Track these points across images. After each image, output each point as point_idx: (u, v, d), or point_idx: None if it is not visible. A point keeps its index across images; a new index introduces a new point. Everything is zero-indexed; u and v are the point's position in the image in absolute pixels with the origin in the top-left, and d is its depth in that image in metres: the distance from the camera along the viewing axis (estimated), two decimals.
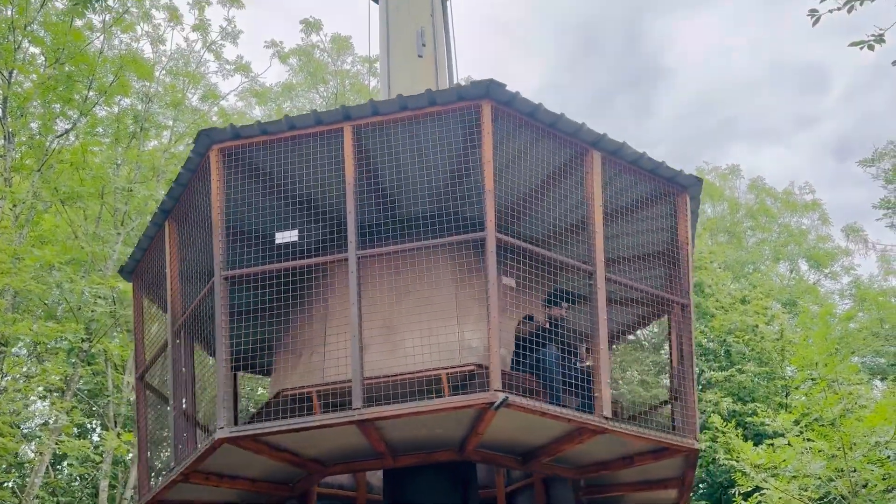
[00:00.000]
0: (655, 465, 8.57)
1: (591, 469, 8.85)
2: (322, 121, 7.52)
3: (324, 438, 7.51)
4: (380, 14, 12.08)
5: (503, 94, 7.31)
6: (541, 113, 7.54)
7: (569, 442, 7.77)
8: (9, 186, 18.28)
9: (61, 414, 17.34)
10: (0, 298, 16.07)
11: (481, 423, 7.18)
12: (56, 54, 19.65)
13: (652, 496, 9.77)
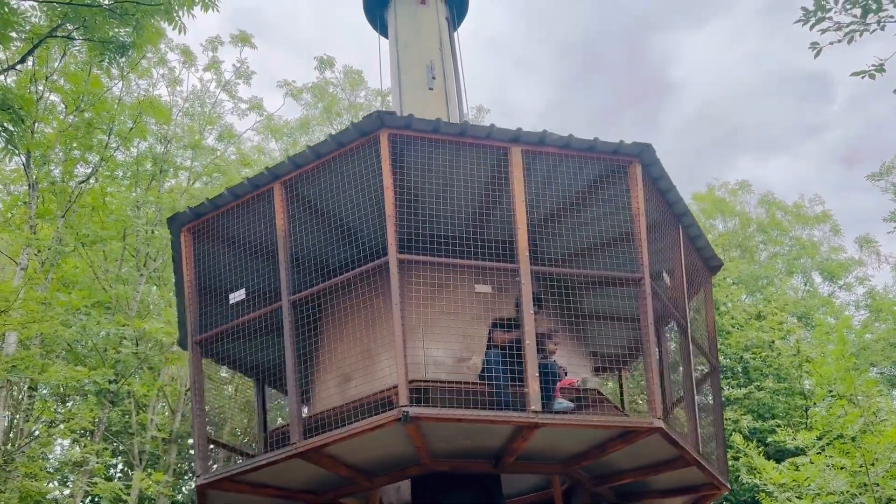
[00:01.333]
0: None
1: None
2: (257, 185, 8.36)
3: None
4: (390, 48, 12.52)
5: (398, 121, 7.77)
6: (444, 126, 7.87)
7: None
8: (34, 233, 18.73)
9: (91, 456, 17.63)
10: (32, 347, 16.46)
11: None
12: (76, 102, 20.18)
13: None
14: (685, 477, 9.11)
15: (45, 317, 14.63)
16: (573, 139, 8.05)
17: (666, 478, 9.17)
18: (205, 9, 11.37)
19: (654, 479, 9.27)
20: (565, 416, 7.46)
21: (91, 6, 10.54)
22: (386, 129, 7.69)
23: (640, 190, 8.04)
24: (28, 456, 17.20)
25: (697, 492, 9.49)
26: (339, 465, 7.95)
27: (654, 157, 8.25)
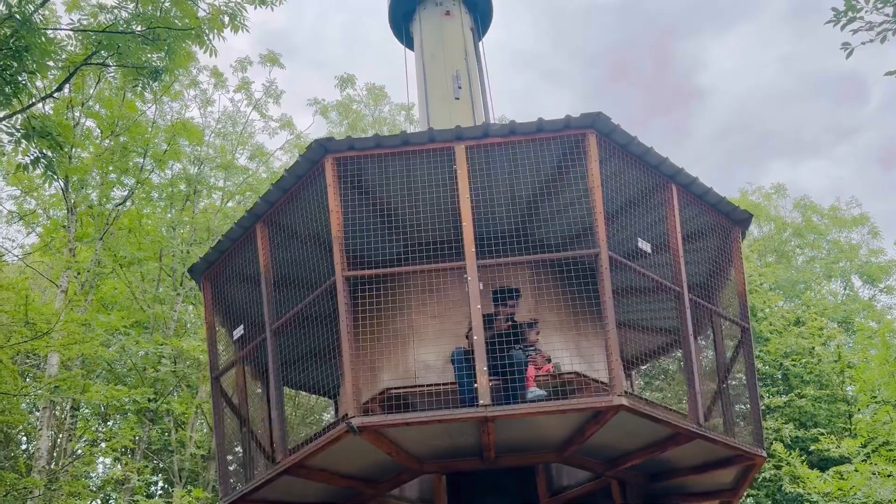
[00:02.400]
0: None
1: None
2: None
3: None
4: (416, 60, 12.66)
5: (339, 145, 8.03)
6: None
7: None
8: (73, 256, 19.13)
9: (132, 474, 17.88)
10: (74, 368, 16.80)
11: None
12: (111, 127, 20.64)
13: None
14: (712, 453, 8.91)
15: (86, 338, 14.92)
16: (517, 125, 8.05)
17: (687, 457, 8.96)
18: (234, 30, 11.57)
19: (676, 460, 9.06)
20: (520, 406, 7.31)
21: (124, 33, 10.79)
22: (330, 155, 7.99)
23: (594, 161, 7.87)
24: (72, 475, 17.50)
25: (733, 464, 9.12)
26: (333, 477, 8.15)
27: (611, 125, 8.01)
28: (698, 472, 8.90)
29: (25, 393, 15.27)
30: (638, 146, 8.30)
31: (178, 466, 21.76)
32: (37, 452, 17.35)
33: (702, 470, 8.86)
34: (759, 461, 8.78)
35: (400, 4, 13.02)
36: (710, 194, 9.00)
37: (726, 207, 9.23)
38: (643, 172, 8.46)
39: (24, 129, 10.50)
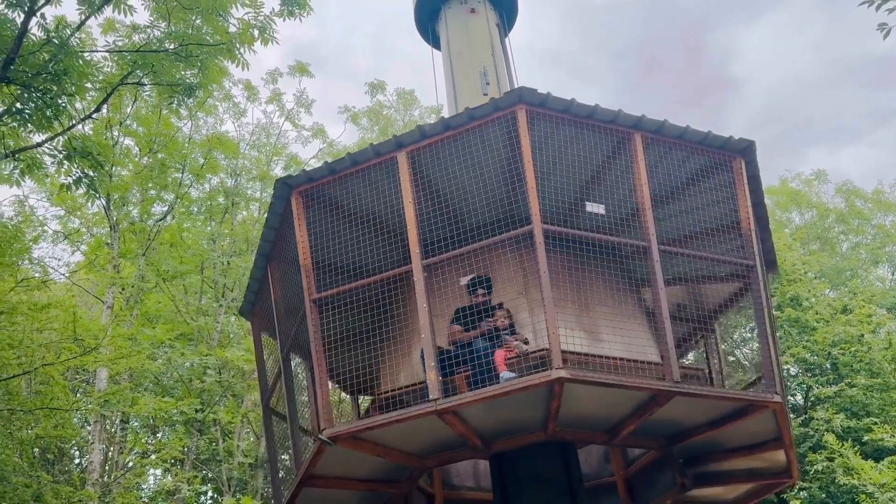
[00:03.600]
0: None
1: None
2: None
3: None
4: (443, 59, 12.72)
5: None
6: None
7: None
8: (118, 273, 19.54)
9: (183, 484, 18.18)
10: (122, 382, 17.15)
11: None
12: (149, 144, 21.05)
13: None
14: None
15: (133, 352, 15.23)
16: (449, 119, 8.15)
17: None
18: (264, 43, 11.74)
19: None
20: (463, 396, 7.41)
21: (158, 52, 11.01)
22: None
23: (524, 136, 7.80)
24: (124, 487, 17.87)
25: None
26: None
27: (540, 96, 7.90)
28: (715, 427, 8.52)
29: (77, 408, 15.63)
30: (580, 108, 8.02)
31: (226, 475, 22.08)
32: (90, 466, 17.75)
33: (718, 425, 8.48)
34: (775, 406, 8.09)
35: (425, 4, 13.08)
36: (689, 133, 8.42)
37: (716, 141, 8.53)
38: (599, 133, 8.20)
39: (65, 150, 10.77)
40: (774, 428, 8.38)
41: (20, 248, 11.93)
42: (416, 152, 8.21)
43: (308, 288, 8.30)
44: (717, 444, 8.93)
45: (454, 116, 8.17)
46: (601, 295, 8.42)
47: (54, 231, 23.14)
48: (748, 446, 8.83)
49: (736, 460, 9.07)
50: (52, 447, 19.18)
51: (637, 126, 8.19)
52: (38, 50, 9.82)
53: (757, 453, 8.84)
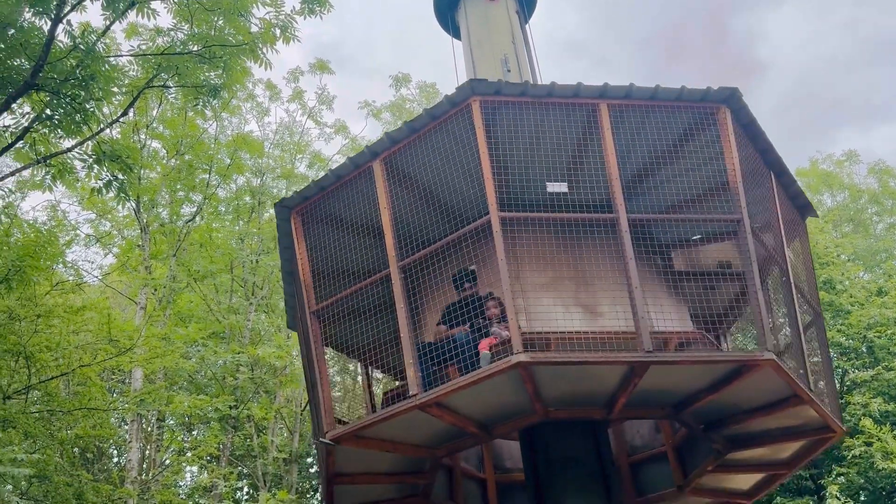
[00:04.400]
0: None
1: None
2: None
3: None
4: (463, 48, 12.74)
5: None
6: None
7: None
8: (149, 274, 19.82)
9: (219, 480, 18.43)
10: (157, 381, 17.41)
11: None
12: (176, 146, 21.30)
13: None
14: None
15: (167, 351, 15.46)
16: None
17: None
18: (286, 41, 11.80)
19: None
20: (436, 389, 7.60)
21: (182, 54, 11.12)
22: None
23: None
24: (162, 484, 18.16)
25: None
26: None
27: (494, 85, 7.93)
28: (717, 390, 8.43)
29: (114, 408, 15.92)
30: (538, 89, 8.08)
31: (261, 471, 22.34)
32: (128, 464, 18.07)
33: (719, 388, 8.38)
34: (768, 364, 7.84)
35: None
36: (660, 92, 8.22)
37: (694, 95, 8.25)
38: (566, 110, 8.19)
39: (95, 154, 10.94)
40: (784, 385, 8.16)
41: (54, 253, 12.14)
42: (389, 158, 8.53)
43: (308, 301, 8.69)
44: (732, 407, 8.82)
45: (416, 118, 8.33)
46: (603, 269, 8.28)
47: (86, 235, 23.56)
48: (765, 406, 8.67)
49: (761, 420, 8.88)
50: (91, 447, 19.54)
51: (602, 95, 8.15)
52: (66, 56, 9.97)
53: (780, 411, 8.61)
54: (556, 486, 8.85)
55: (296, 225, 9.14)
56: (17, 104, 10.76)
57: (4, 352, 12.94)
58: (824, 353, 9.23)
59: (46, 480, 13.45)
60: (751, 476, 10.59)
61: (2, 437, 9.40)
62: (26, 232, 12.33)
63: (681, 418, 8.81)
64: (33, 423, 13.01)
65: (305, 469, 27.43)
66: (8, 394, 13.50)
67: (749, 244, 7.82)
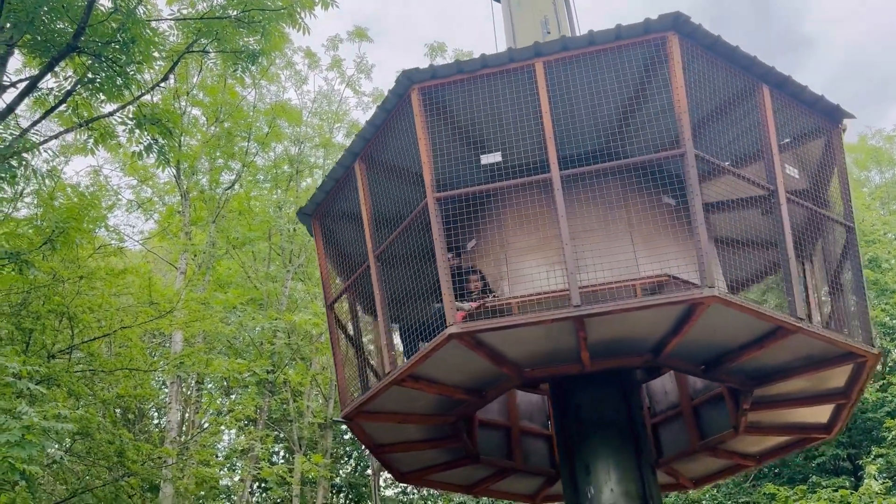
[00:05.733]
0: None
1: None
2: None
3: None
4: (503, 9, 12.53)
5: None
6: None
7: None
8: (189, 240, 20.11)
9: (256, 442, 18.79)
10: (196, 344, 17.74)
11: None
12: (216, 114, 21.46)
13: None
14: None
15: (206, 315, 15.71)
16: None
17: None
18: (324, 6, 11.76)
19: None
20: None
21: (221, 18, 11.14)
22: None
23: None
24: (201, 444, 18.58)
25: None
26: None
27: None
28: (804, 371, 8.61)
29: (154, 369, 16.27)
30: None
31: (297, 435, 22.73)
32: (168, 425, 18.51)
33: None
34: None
35: None
36: (597, 37, 7.98)
37: (634, 31, 7.98)
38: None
39: (135, 118, 11.06)
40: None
41: (96, 217, 12.36)
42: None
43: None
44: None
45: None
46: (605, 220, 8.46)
47: (128, 200, 23.95)
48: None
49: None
50: (132, 407, 20.03)
51: (539, 54, 7.95)
52: (106, 19, 10.05)
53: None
54: (585, 444, 8.99)
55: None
56: (59, 67, 10.91)
57: (49, 312, 13.26)
58: (856, 272, 8.70)
59: (89, 438, 13.83)
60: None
61: (46, 395, 9.66)
62: (69, 196, 12.55)
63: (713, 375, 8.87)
64: (76, 382, 13.34)
65: (340, 435, 27.83)
66: (52, 353, 13.86)
67: (692, 179, 7.48)
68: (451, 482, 11.82)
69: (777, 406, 9.53)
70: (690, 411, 10.83)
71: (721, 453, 10.73)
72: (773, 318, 7.59)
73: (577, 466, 8.91)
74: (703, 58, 7.95)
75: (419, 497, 29.28)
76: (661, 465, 11.21)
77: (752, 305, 7.54)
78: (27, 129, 11.01)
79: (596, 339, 8.09)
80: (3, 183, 10.07)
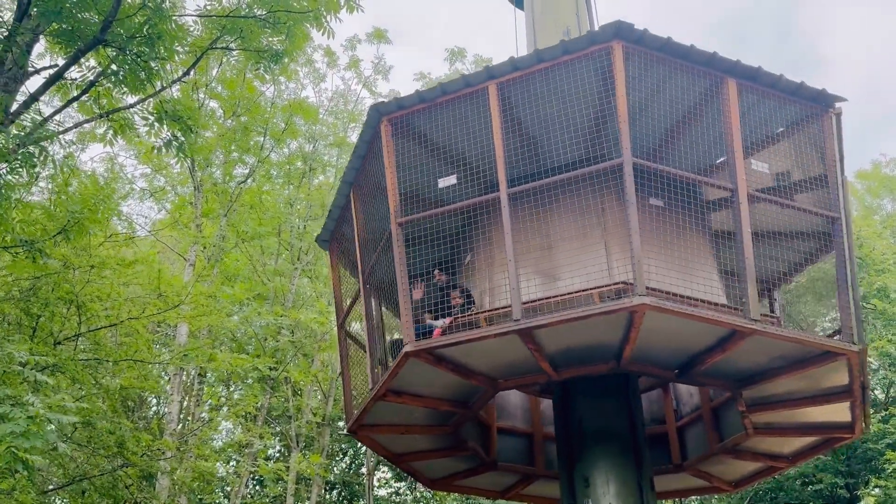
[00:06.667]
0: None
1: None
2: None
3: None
4: (526, 18, 12.65)
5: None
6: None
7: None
8: (200, 232, 20.13)
9: (255, 438, 18.79)
10: (201, 338, 17.74)
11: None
12: (233, 107, 21.46)
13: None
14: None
15: (213, 309, 15.71)
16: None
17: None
18: (350, 10, 11.76)
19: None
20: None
21: (247, 17, 11.14)
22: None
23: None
24: (200, 438, 18.59)
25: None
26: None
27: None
28: (789, 371, 8.68)
29: (159, 361, 16.29)
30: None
31: (295, 432, 22.72)
32: (167, 416, 18.53)
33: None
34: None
35: None
36: (544, 53, 8.20)
37: (578, 44, 8.17)
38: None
39: (156, 112, 11.06)
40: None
41: (110, 207, 12.37)
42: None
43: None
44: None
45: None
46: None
47: (141, 189, 23.98)
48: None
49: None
50: (132, 395, 20.06)
51: (492, 77, 8.38)
52: (135, 14, 10.06)
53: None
54: (586, 455, 9.17)
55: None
56: (84, 58, 10.91)
57: (57, 299, 13.27)
58: (840, 266, 8.46)
59: (90, 427, 13.84)
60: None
61: (51, 384, 9.67)
62: (84, 183, 12.56)
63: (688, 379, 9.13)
64: (81, 370, 13.36)
65: (336, 433, 27.84)
66: (58, 339, 13.88)
67: (627, 187, 7.56)
68: (481, 488, 12.40)
69: (780, 407, 9.57)
70: (710, 414, 11.01)
71: (747, 455, 10.86)
72: (719, 322, 7.65)
73: (576, 478, 9.04)
74: (662, 62, 8.08)
75: (412, 499, 29.26)
76: (686, 468, 11.42)
77: (688, 310, 7.55)
78: (48, 117, 11.02)
79: (555, 350, 8.43)
80: (21, 170, 10.07)
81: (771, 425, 10.07)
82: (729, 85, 8.15)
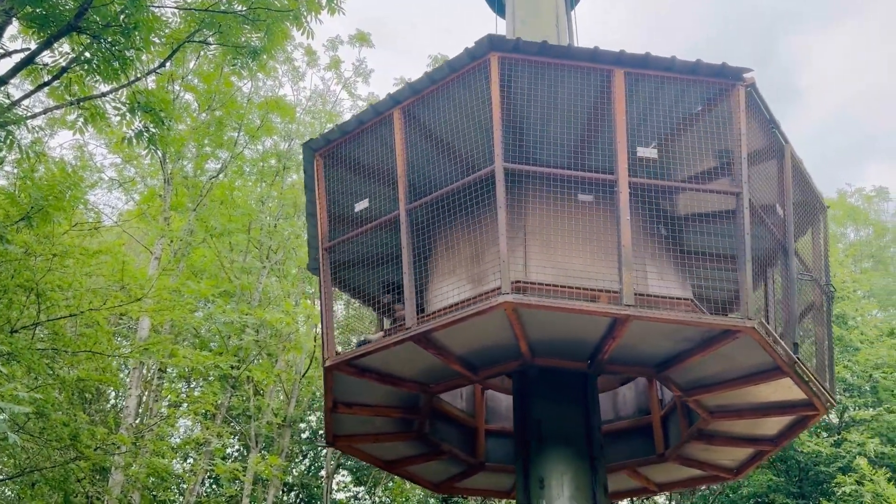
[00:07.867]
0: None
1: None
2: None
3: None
4: (507, 27, 12.84)
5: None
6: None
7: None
8: (168, 225, 19.89)
9: (213, 437, 18.57)
10: (163, 333, 17.51)
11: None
12: (208, 101, 21.28)
13: None
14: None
15: (177, 305, 15.53)
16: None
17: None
18: (331, 12, 11.74)
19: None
20: None
21: (227, 13, 11.08)
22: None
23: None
24: (156, 434, 18.34)
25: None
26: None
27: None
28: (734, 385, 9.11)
29: (119, 354, 16.04)
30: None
31: (255, 432, 22.51)
32: (125, 410, 18.24)
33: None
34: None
35: None
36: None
37: (458, 61, 8.46)
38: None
39: (129, 103, 10.94)
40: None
41: (77, 195, 12.18)
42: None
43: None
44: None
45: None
46: None
47: (110, 178, 23.65)
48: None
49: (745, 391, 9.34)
50: (90, 388, 19.73)
51: (397, 102, 8.93)
52: (111, 2, 9.94)
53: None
54: (542, 456, 9.26)
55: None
56: (57, 43, 10.75)
57: (17, 286, 13.03)
58: (739, 240, 8.21)
59: (44, 417, 13.59)
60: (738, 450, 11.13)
61: (4, 371, 9.48)
62: (52, 170, 12.36)
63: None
64: (37, 360, 13.12)
65: (297, 434, 27.62)
66: (15, 327, 13.61)
67: (499, 192, 7.91)
68: (484, 489, 12.80)
69: (716, 388, 9.57)
70: (680, 402, 11.11)
71: (724, 441, 10.96)
72: (592, 311, 7.80)
73: (532, 478, 9.13)
74: (550, 67, 8.33)
75: (370, 503, 29.12)
76: (668, 458, 11.46)
77: (556, 303, 7.76)
78: (16, 101, 10.84)
79: (464, 352, 8.84)
80: None
81: (724, 408, 9.97)
82: (616, 75, 8.27)
